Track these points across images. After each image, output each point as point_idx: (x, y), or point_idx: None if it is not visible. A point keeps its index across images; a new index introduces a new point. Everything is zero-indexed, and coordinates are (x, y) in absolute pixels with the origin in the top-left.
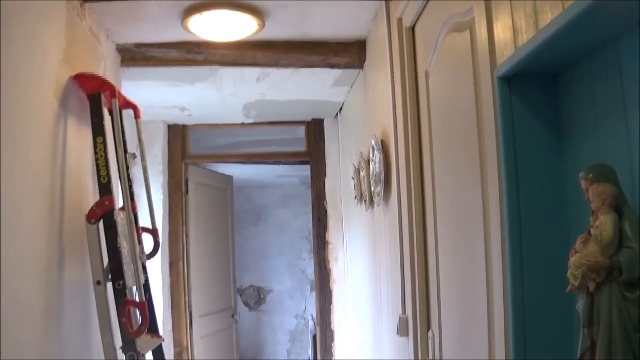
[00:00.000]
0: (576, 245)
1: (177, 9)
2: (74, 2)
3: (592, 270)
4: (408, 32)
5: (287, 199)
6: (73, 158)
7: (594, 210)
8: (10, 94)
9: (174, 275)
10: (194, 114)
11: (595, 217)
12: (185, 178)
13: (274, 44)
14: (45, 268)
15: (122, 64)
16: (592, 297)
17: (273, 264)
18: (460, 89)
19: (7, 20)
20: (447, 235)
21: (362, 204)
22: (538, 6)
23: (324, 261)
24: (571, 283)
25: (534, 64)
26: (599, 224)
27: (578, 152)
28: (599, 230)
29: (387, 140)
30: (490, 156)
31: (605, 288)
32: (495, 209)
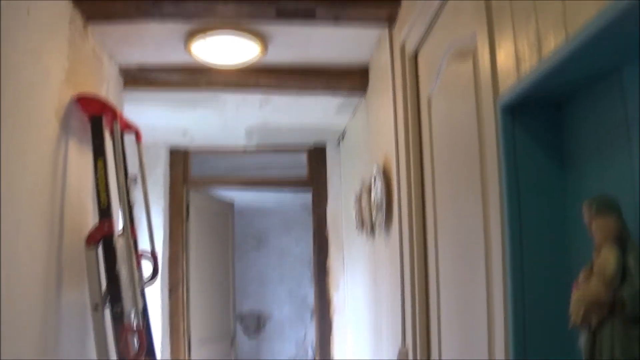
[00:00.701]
0: (579, 280)
1: (180, 32)
2: (77, 23)
3: (595, 306)
4: (411, 59)
5: (288, 225)
6: (73, 180)
7: (597, 245)
8: (11, 113)
9: (173, 301)
10: (196, 138)
11: (598, 252)
12: (186, 203)
13: (277, 69)
14: (43, 291)
15: (125, 86)
16: (595, 333)
17: (273, 291)
18: (463, 116)
19: (9, 39)
20: (449, 265)
21: (363, 232)
22: (541, 34)
23: (324, 289)
24: (573, 318)
25: (537, 93)
26: (601, 259)
27: (581, 182)
28: (602, 266)
29: (389, 168)
30: (493, 185)
31: (607, 323)
32: (497, 238)
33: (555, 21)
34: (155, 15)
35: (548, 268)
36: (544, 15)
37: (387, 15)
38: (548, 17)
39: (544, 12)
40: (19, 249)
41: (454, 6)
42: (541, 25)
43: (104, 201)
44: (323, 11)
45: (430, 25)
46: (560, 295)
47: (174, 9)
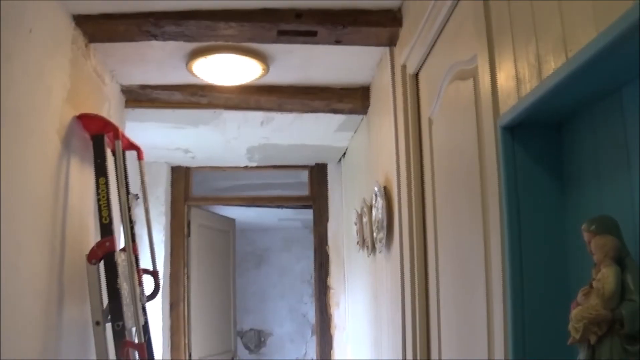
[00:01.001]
0: (578, 297)
1: (182, 52)
2: (79, 43)
3: (594, 323)
4: (412, 79)
5: (289, 242)
6: (75, 198)
7: (596, 263)
8: (13, 132)
9: (174, 317)
10: (198, 156)
11: (598, 270)
12: (187, 220)
13: (278, 88)
14: (45, 307)
15: (127, 105)
16: (594, 350)
17: (274, 307)
18: (464, 136)
19: (11, 58)
20: (449, 283)
21: (364, 249)
22: (542, 56)
23: (325, 306)
24: (572, 336)
25: (537, 114)
26: (601, 277)
27: (581, 202)
28: (601, 283)
29: (390, 186)
30: (493, 205)
31: (606, 341)
32: (497, 257)
33: (555, 43)
34: (157, 35)
35: (547, 286)
36: (544, 37)
37: (388, 37)
38: (548, 39)
39: (544, 34)
40: (21, 266)
41: (454, 28)
42: (541, 47)
43: (105, 219)
44: (325, 33)
45: (430, 46)
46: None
47: (175, 30)
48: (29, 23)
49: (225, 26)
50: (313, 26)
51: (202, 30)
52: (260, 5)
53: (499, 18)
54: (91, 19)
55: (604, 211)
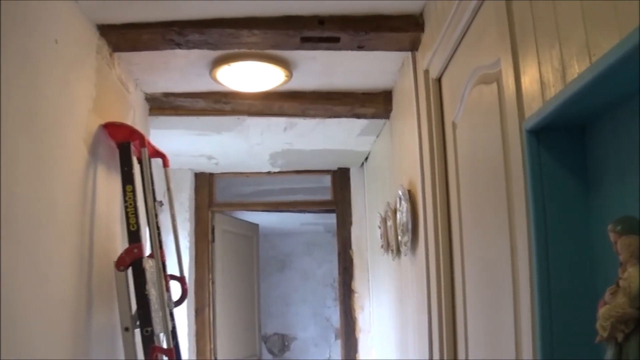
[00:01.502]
0: (605, 296)
1: (205, 60)
2: (104, 52)
3: (621, 322)
4: (435, 83)
5: (311, 246)
6: (102, 205)
7: (623, 262)
8: (41, 143)
9: (200, 322)
10: (221, 162)
11: (624, 269)
12: (211, 226)
13: (301, 94)
14: (74, 313)
15: (151, 112)
16: (621, 348)
17: (297, 312)
18: (488, 140)
19: (39, 69)
20: (475, 285)
21: (388, 253)
22: (565, 60)
23: (349, 310)
24: (600, 334)
25: (561, 117)
26: (627, 276)
27: (606, 203)
28: (628, 282)
29: (415, 190)
30: (519, 207)
31: (633, 339)
32: (523, 258)
33: (578, 48)
34: (181, 44)
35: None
36: (568, 42)
37: (410, 41)
38: (572, 44)
39: (568, 39)
40: (51, 275)
41: (476, 32)
42: (565, 52)
43: (133, 225)
44: (347, 39)
45: (453, 51)
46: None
47: (199, 38)
48: (55, 34)
49: (249, 34)
50: (336, 32)
51: (226, 38)
52: (283, 12)
53: (522, 23)
54: (115, 28)
55: (627, 212)
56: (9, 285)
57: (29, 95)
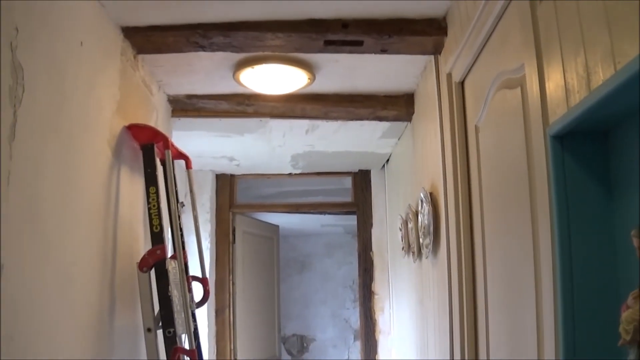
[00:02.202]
0: (628, 301)
1: (229, 62)
2: (128, 54)
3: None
4: (457, 87)
5: (331, 248)
6: (125, 207)
7: None
8: (67, 145)
9: (220, 323)
10: (243, 164)
11: None
12: (232, 227)
13: (324, 96)
14: (97, 314)
15: (173, 114)
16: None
17: (317, 313)
18: (511, 144)
19: (65, 71)
20: (497, 288)
21: (409, 255)
22: (590, 67)
23: (369, 311)
24: (623, 337)
25: (586, 123)
26: None
27: (629, 208)
28: None
29: (436, 192)
30: (542, 211)
31: None
32: (547, 262)
33: (603, 55)
34: (205, 46)
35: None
36: (593, 49)
37: (433, 45)
38: (596, 51)
39: (592, 46)
40: (75, 277)
41: (500, 37)
42: (590, 59)
43: (156, 227)
44: (370, 42)
45: (476, 55)
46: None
47: (223, 41)
48: (80, 36)
49: (273, 37)
50: (359, 36)
51: (250, 41)
52: (307, 15)
53: (547, 29)
54: (140, 30)
55: None
56: (35, 286)
57: (55, 97)
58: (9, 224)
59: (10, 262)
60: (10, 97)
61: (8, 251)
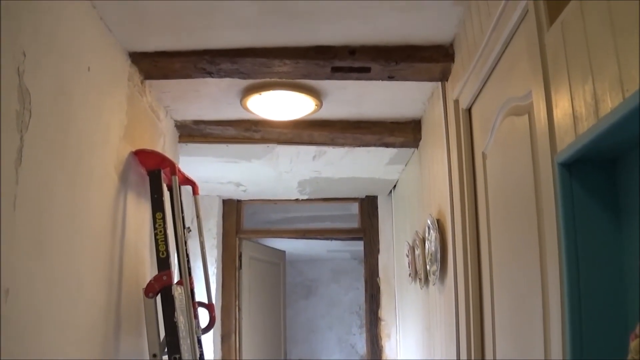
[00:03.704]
0: (637, 329)
1: (236, 89)
2: (135, 80)
3: None
4: (465, 114)
5: (337, 273)
6: (131, 232)
7: None
8: (74, 169)
9: (226, 349)
10: (249, 189)
11: None
12: (239, 252)
13: (331, 123)
14: (102, 339)
15: (180, 140)
16: None
17: (323, 338)
18: (519, 171)
19: (72, 97)
20: (505, 316)
21: (416, 282)
22: (598, 94)
23: (376, 337)
24: None
25: (594, 151)
26: None
27: (636, 236)
28: None
29: (444, 219)
30: (550, 239)
31: None
32: (555, 291)
33: (611, 82)
34: (213, 72)
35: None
36: (601, 77)
37: (440, 72)
38: (604, 79)
39: (601, 73)
40: (81, 302)
41: (508, 64)
42: (598, 86)
43: (163, 253)
44: (378, 69)
45: (484, 82)
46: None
47: (231, 67)
48: (88, 61)
49: (280, 63)
50: (367, 62)
51: (257, 67)
52: (315, 42)
53: (555, 56)
54: (147, 56)
55: None
56: (41, 310)
57: (62, 122)
58: (15, 248)
59: (17, 286)
60: (17, 121)
61: (15, 275)
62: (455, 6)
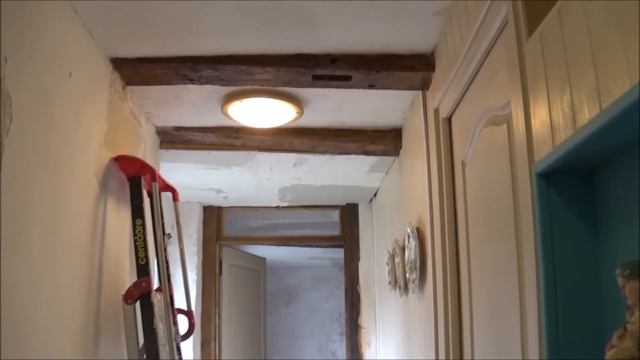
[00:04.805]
0: (612, 340)
1: (217, 95)
2: (116, 86)
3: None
4: (445, 123)
5: (318, 280)
6: (111, 238)
7: (630, 306)
8: (54, 175)
9: (205, 356)
10: (230, 196)
11: (632, 313)
12: (219, 259)
13: (312, 130)
14: (82, 346)
15: (161, 146)
16: None
17: (303, 346)
18: (497, 180)
19: (53, 102)
20: (483, 324)
21: (396, 289)
22: (576, 105)
23: (356, 345)
24: None
25: (571, 161)
26: (635, 320)
27: (614, 246)
28: (635, 326)
29: (423, 228)
30: (528, 248)
31: None
32: (532, 300)
33: (589, 93)
34: (194, 79)
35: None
36: (578, 88)
37: (421, 81)
38: (582, 89)
39: (579, 83)
40: (60, 308)
41: (487, 74)
42: (575, 97)
43: (142, 259)
44: (359, 77)
45: (463, 91)
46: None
47: (212, 74)
48: (69, 67)
49: (261, 71)
50: (347, 71)
51: (239, 74)
52: (296, 50)
53: (534, 67)
54: (129, 62)
55: (636, 256)
56: (21, 317)
57: (43, 127)
58: None
59: None
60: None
61: None
62: (436, 16)
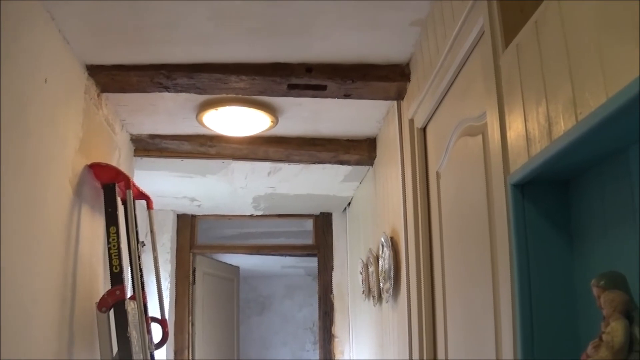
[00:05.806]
0: (588, 350)
1: (192, 104)
2: (91, 93)
3: None
4: (419, 133)
5: (292, 289)
6: (85, 246)
7: (605, 317)
8: (28, 182)
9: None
10: (204, 204)
11: (607, 323)
12: (192, 268)
13: (286, 139)
14: (56, 353)
15: (136, 154)
16: None
17: (277, 354)
18: (472, 191)
19: (27, 108)
20: (458, 334)
21: (370, 299)
22: (552, 117)
23: (330, 354)
24: None
25: (546, 172)
26: (610, 330)
27: (589, 257)
28: (610, 337)
29: (397, 237)
30: (502, 259)
31: None
32: (506, 310)
33: (565, 105)
34: (169, 87)
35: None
36: (554, 99)
37: (396, 91)
38: (558, 101)
39: (554, 95)
40: (34, 315)
41: (463, 84)
42: (551, 109)
43: (116, 267)
44: (334, 87)
45: (439, 102)
46: None
47: (187, 82)
48: (44, 72)
49: (237, 79)
50: (323, 80)
51: (214, 83)
52: (272, 59)
53: (510, 78)
54: (104, 69)
55: (611, 266)
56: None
57: (18, 134)
58: None
59: None
60: None
61: None
62: (412, 26)
